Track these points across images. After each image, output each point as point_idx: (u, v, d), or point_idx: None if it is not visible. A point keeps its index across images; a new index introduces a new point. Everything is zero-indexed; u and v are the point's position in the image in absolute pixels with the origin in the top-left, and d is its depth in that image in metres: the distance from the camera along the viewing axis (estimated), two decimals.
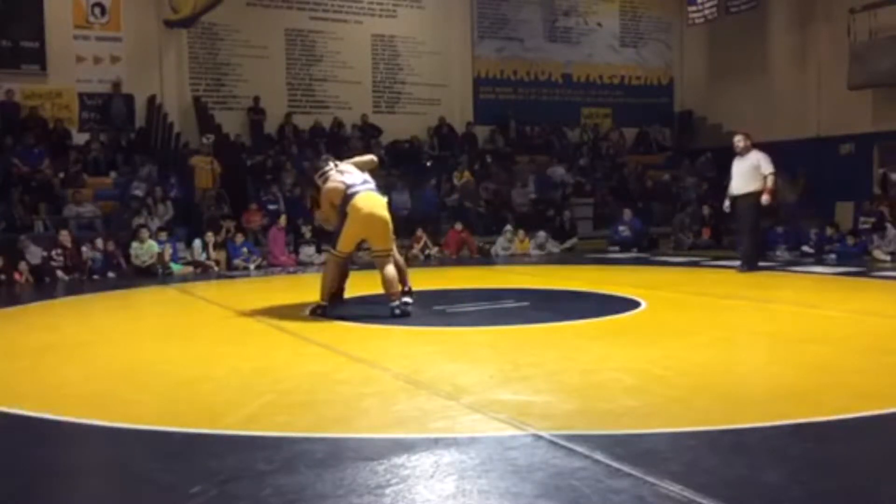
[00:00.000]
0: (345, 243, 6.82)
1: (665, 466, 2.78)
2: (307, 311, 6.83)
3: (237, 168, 14.79)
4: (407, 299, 6.81)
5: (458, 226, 14.32)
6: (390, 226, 6.80)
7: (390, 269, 6.70)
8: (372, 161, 7.40)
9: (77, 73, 14.97)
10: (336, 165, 7.08)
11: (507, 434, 3.23)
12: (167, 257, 11.93)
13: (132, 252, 11.73)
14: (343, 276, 7.23)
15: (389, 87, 17.70)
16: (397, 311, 6.56)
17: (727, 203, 10.23)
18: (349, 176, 6.86)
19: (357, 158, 7.38)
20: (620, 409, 3.59)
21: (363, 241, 7.05)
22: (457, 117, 17.95)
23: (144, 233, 11.89)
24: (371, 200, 6.70)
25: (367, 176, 6.94)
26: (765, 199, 9.72)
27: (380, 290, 6.82)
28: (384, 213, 6.74)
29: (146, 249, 11.75)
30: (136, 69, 15.29)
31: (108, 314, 8.05)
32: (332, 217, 7.02)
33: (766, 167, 9.79)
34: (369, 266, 7.42)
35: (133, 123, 15.37)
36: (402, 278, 7.27)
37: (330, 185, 6.89)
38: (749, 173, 9.86)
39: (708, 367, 4.54)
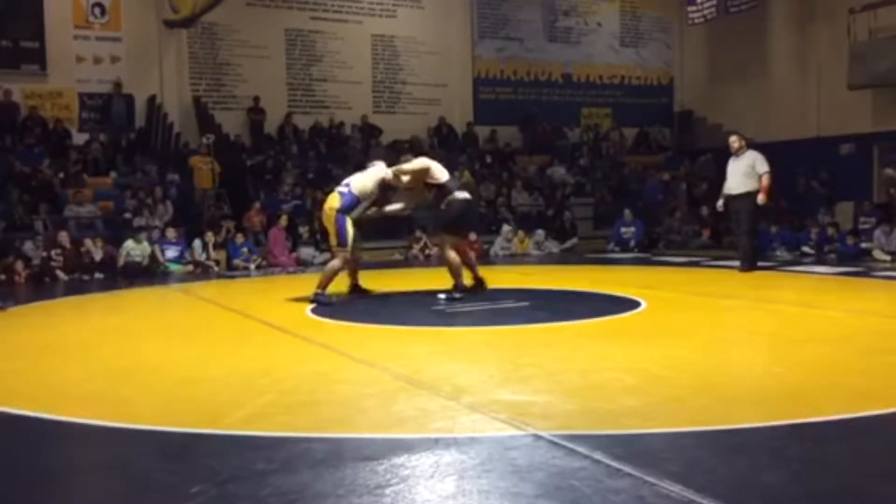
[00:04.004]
0: None
1: (665, 466, 2.77)
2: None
3: (237, 168, 14.79)
4: (323, 292, 7.48)
5: (473, 236, 14.23)
6: (330, 223, 7.61)
7: (333, 264, 7.67)
8: (384, 180, 7.92)
9: (77, 73, 14.99)
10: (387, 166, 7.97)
11: (507, 434, 3.22)
12: (161, 258, 11.93)
13: (127, 251, 11.71)
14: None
15: (389, 87, 17.70)
16: (314, 300, 7.41)
17: (721, 202, 10.35)
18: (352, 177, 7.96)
19: (403, 175, 7.89)
20: (620, 409, 3.58)
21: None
22: (457, 117, 17.95)
23: (141, 234, 11.89)
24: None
25: (351, 180, 7.79)
26: (761, 198, 9.78)
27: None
28: (326, 208, 7.72)
29: (140, 249, 11.73)
30: (136, 69, 15.31)
31: (108, 314, 8.03)
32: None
33: (762, 167, 9.86)
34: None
35: (133, 123, 15.37)
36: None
37: None
38: (745, 173, 9.92)
39: (708, 367, 4.54)
